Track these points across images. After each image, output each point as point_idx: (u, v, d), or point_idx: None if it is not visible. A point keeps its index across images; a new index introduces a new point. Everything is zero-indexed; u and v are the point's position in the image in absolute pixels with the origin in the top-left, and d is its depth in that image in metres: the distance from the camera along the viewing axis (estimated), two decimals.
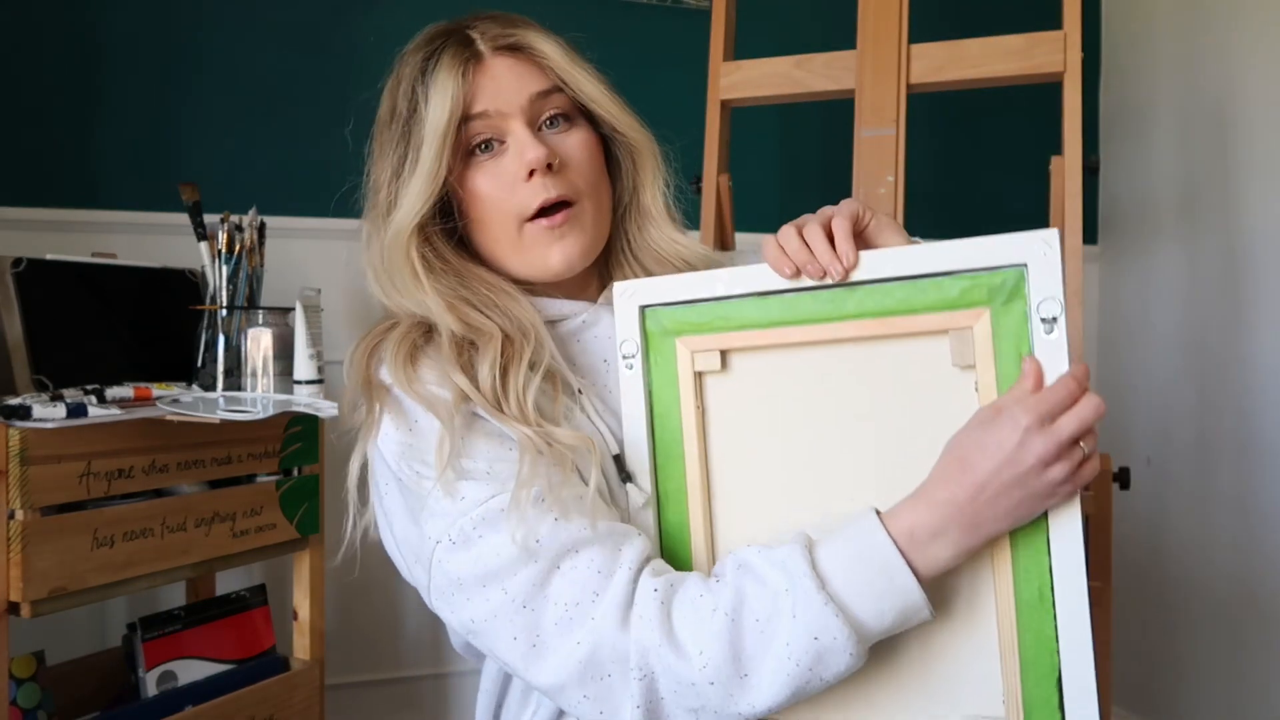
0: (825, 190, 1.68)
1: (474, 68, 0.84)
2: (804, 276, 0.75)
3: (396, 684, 2.00)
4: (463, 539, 0.73)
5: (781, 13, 2.12)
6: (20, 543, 1.20)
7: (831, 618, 0.66)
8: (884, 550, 0.68)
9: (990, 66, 1.48)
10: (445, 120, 0.82)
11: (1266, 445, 1.85)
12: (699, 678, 0.68)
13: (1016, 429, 0.66)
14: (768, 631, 0.68)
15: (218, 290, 1.56)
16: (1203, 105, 2.01)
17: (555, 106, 0.86)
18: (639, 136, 0.89)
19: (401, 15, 1.96)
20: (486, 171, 0.84)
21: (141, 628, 1.48)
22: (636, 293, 0.81)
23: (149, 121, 1.83)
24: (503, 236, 0.85)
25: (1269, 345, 1.85)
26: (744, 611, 0.68)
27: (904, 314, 0.73)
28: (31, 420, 1.20)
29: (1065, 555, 0.69)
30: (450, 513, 0.74)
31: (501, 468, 0.75)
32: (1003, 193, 2.12)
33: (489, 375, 0.79)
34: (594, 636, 0.70)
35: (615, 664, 0.70)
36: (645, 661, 0.69)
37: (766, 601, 0.68)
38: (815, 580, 0.67)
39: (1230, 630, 1.92)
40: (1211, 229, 1.99)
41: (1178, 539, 2.01)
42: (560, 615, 0.71)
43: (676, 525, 0.78)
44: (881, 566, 0.67)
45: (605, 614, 0.70)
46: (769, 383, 0.78)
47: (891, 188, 1.48)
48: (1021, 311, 0.71)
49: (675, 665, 0.68)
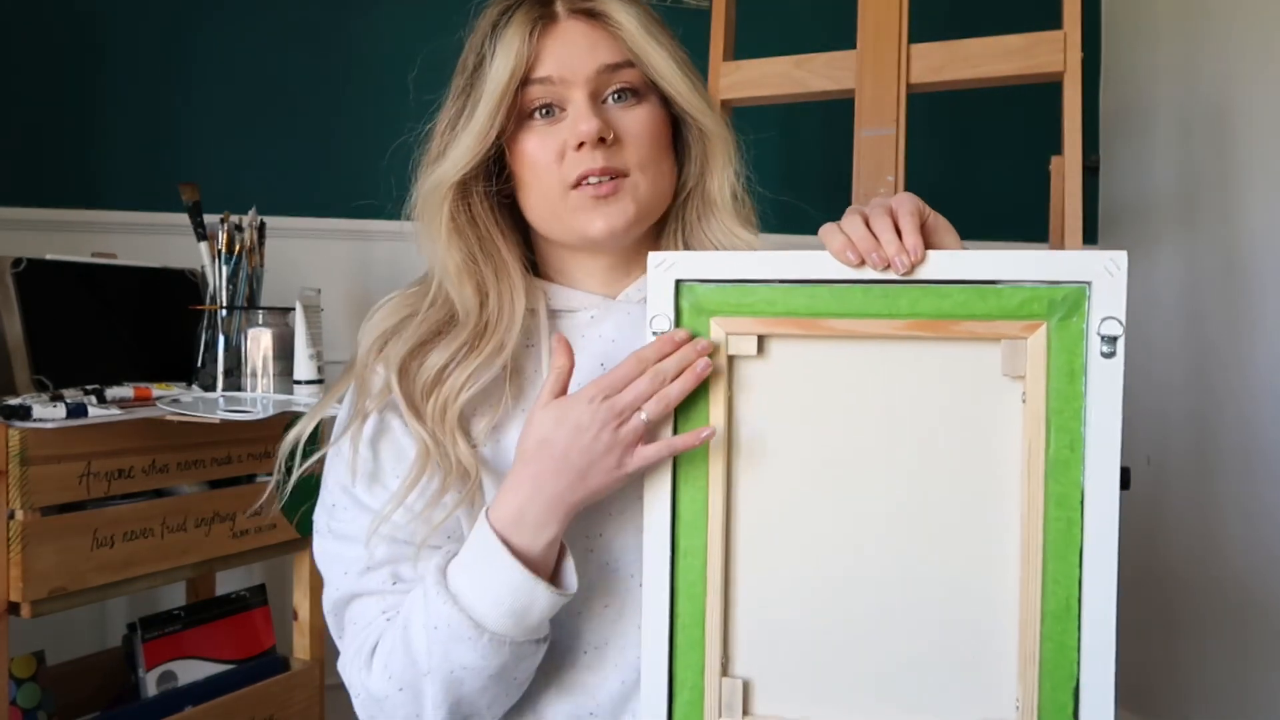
0: (825, 190, 1.68)
1: (545, 29, 0.81)
2: (865, 267, 0.73)
3: None
4: (325, 534, 0.86)
5: (781, 13, 2.12)
6: (20, 543, 1.20)
7: (443, 606, 0.74)
8: (485, 539, 0.74)
9: (990, 66, 1.48)
10: (505, 81, 0.80)
11: (1267, 444, 1.85)
12: (390, 689, 0.77)
13: (582, 401, 0.73)
14: (427, 632, 0.75)
15: (218, 290, 1.56)
16: (1203, 105, 2.02)
17: (624, 80, 0.82)
18: (710, 122, 0.86)
19: (401, 15, 1.97)
20: (539, 135, 0.82)
21: (141, 628, 1.48)
22: (674, 265, 0.76)
23: (149, 121, 1.83)
24: (546, 201, 0.83)
25: (1269, 344, 1.85)
26: (413, 619, 0.76)
27: (959, 318, 0.72)
28: (31, 420, 1.20)
29: (1098, 568, 0.70)
30: (325, 505, 0.87)
31: (389, 483, 0.83)
32: (1003, 193, 2.13)
33: (435, 363, 0.81)
34: (347, 655, 0.83)
35: (350, 683, 0.81)
36: (356, 682, 0.80)
37: (418, 605, 0.76)
38: (437, 577, 0.76)
39: (1231, 630, 1.92)
40: (1211, 229, 1.99)
41: (1178, 539, 2.01)
42: (348, 625, 0.83)
43: (694, 513, 0.77)
44: (485, 554, 0.74)
45: (350, 646, 0.82)
46: (806, 373, 0.76)
47: (891, 188, 1.48)
48: (1079, 329, 0.70)
49: (373, 688, 0.79)
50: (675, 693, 0.77)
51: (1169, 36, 2.13)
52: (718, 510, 0.77)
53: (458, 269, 0.83)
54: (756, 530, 0.77)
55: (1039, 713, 0.71)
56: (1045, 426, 0.71)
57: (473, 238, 0.84)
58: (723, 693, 0.76)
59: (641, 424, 0.73)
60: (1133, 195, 2.24)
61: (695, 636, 0.76)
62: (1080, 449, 0.70)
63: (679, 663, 0.77)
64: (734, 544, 0.77)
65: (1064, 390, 0.71)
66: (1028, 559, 0.71)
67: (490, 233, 0.85)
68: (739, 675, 0.77)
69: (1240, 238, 1.92)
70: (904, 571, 0.74)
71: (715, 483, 0.77)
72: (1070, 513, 0.71)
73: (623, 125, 0.82)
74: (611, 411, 0.72)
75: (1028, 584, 0.71)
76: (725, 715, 0.76)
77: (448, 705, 0.76)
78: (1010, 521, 0.72)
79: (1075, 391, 0.71)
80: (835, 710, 0.75)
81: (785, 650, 0.76)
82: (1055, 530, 0.71)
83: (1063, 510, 0.71)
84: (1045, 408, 0.71)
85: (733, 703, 0.76)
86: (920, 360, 0.74)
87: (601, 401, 0.73)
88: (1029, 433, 0.72)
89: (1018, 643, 0.72)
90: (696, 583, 0.76)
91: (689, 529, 0.76)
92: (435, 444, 0.79)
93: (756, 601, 0.77)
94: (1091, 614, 0.70)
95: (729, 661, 0.77)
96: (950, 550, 0.74)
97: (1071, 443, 0.71)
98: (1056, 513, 0.71)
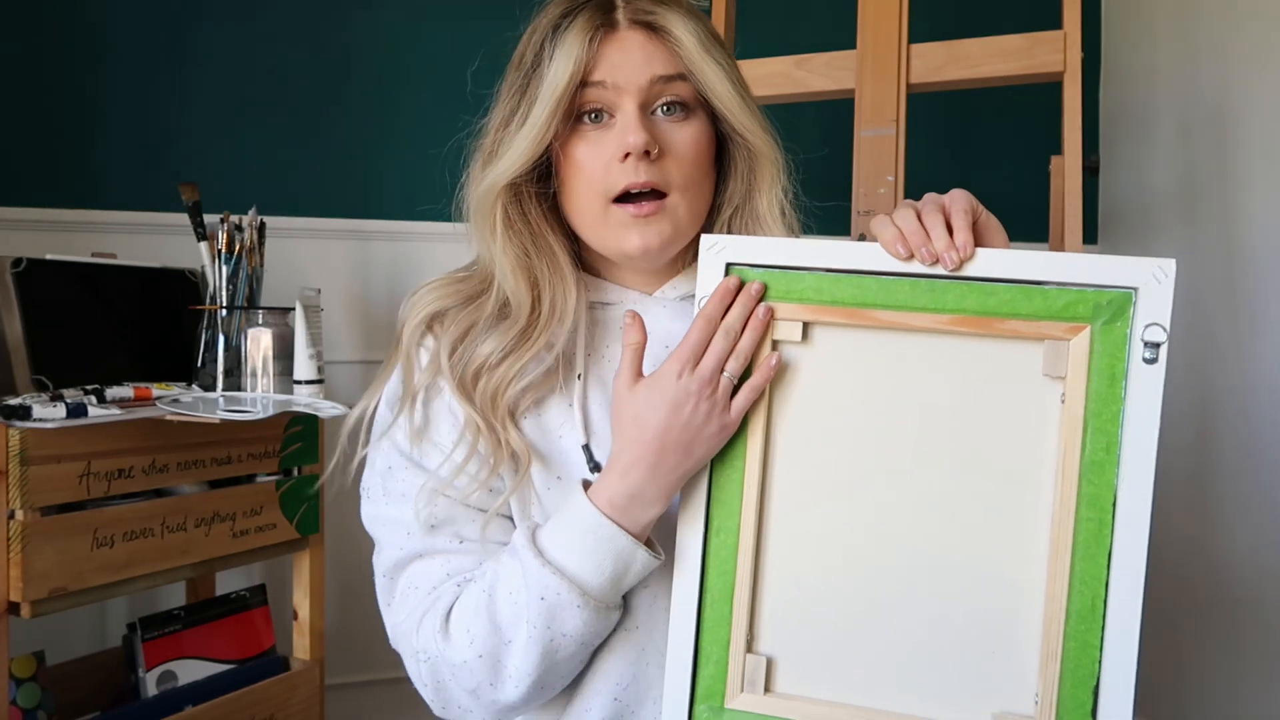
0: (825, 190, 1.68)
1: (604, 35, 0.82)
2: (914, 261, 0.74)
3: (396, 684, 1.99)
4: (379, 499, 0.85)
5: (781, 13, 2.12)
6: (20, 543, 1.20)
7: (550, 577, 0.75)
8: (587, 515, 0.76)
9: (990, 66, 1.48)
10: (564, 84, 0.80)
11: (1267, 444, 1.85)
12: (469, 654, 0.77)
13: (671, 378, 0.75)
14: (518, 601, 0.77)
15: (218, 290, 1.56)
16: (1203, 105, 2.02)
17: (675, 94, 0.83)
18: (759, 142, 0.86)
19: (399, 15, 1.97)
20: (588, 141, 0.83)
21: (141, 628, 1.48)
22: (726, 248, 0.78)
23: (149, 121, 1.83)
24: (587, 210, 0.84)
25: (1269, 343, 1.85)
26: (499, 586, 0.78)
27: (1004, 316, 0.73)
28: (31, 420, 1.20)
29: (1125, 570, 0.70)
30: (379, 470, 0.86)
31: (438, 454, 0.84)
32: (1003, 192, 2.12)
33: (484, 354, 0.82)
34: (409, 622, 0.82)
35: (412, 649, 0.81)
36: (426, 647, 0.80)
37: (511, 575, 0.77)
38: (533, 551, 0.77)
39: (1230, 630, 1.92)
40: (1211, 229, 1.99)
41: (1178, 540, 2.01)
42: (405, 590, 0.83)
43: (729, 492, 0.78)
44: (587, 529, 0.76)
45: (410, 611, 0.82)
46: (848, 362, 0.77)
47: (891, 188, 1.48)
48: (1122, 334, 0.71)
49: (447, 653, 0.79)
50: (700, 666, 0.78)
51: (1169, 36, 2.13)
52: (753, 490, 0.78)
53: (513, 266, 0.84)
54: (789, 512, 0.78)
55: (1058, 709, 0.71)
56: (1083, 428, 0.72)
57: (526, 235, 0.85)
58: (746, 669, 0.77)
59: (729, 384, 0.75)
60: (1133, 195, 2.24)
61: (723, 612, 0.78)
62: (1116, 452, 0.71)
63: (705, 637, 0.78)
64: (766, 524, 0.78)
65: (1103, 393, 0.71)
66: (1056, 557, 0.72)
67: (542, 229, 0.86)
68: (763, 653, 0.78)
69: (1240, 237, 1.92)
70: (932, 561, 0.75)
71: (752, 463, 0.78)
72: (1102, 514, 0.71)
73: (670, 140, 0.83)
74: (701, 381, 0.74)
75: (1055, 582, 0.72)
76: (748, 691, 0.77)
77: (538, 673, 0.77)
78: (1041, 519, 0.73)
79: (1115, 395, 0.71)
80: (855, 693, 0.76)
81: (810, 632, 0.77)
82: (1086, 530, 0.71)
83: (1094, 511, 0.71)
84: (1084, 409, 0.72)
85: (756, 679, 0.77)
86: (962, 356, 0.75)
87: (690, 374, 0.75)
88: (1066, 433, 0.72)
89: (1041, 639, 0.73)
90: (728, 560, 0.78)
91: (723, 507, 0.78)
92: (487, 427, 0.81)
93: (785, 582, 0.78)
94: (1116, 615, 0.70)
95: (754, 639, 0.78)
96: (979, 543, 0.74)
97: (1108, 445, 0.71)
98: (1088, 513, 0.71)
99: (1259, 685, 1.86)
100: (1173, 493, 2.02)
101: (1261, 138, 1.87)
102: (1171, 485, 2.03)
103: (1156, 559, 0.62)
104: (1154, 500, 0.70)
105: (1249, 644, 1.88)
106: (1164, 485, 2.29)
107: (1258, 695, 1.86)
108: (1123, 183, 2.27)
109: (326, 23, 1.94)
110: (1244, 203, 1.91)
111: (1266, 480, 1.84)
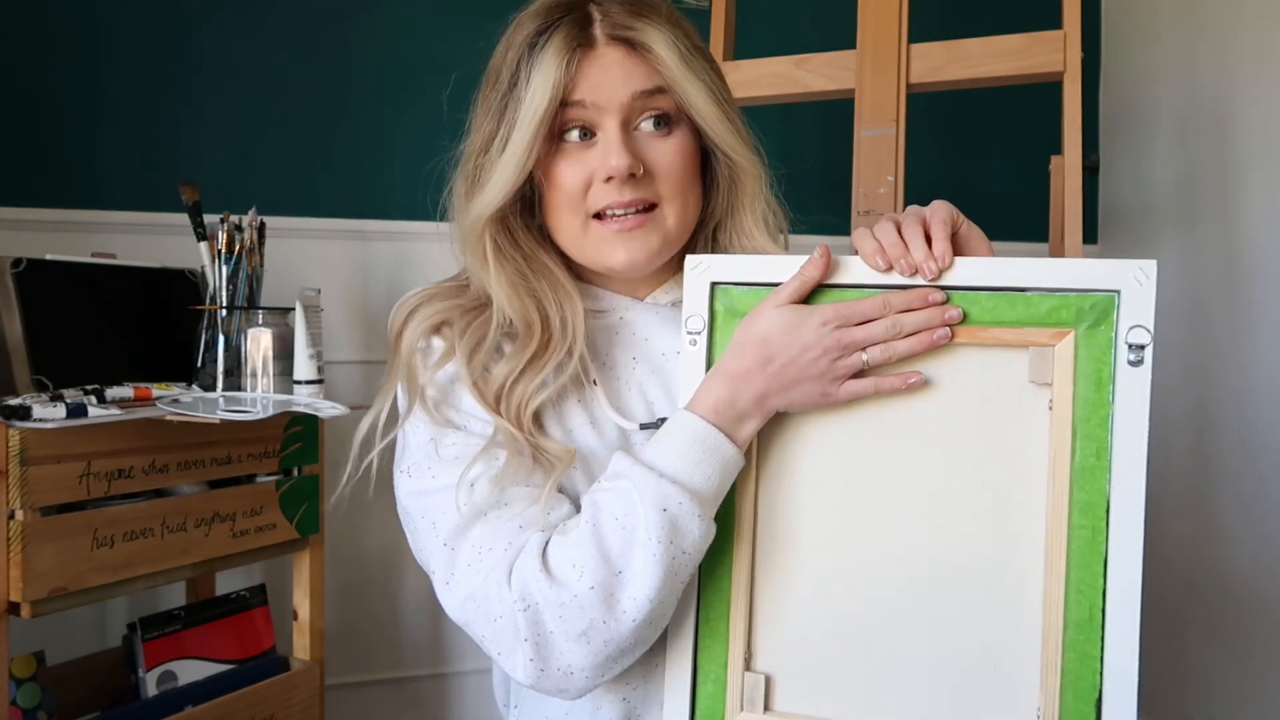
0: (825, 190, 1.69)
1: (582, 54, 0.80)
2: (894, 272, 0.74)
3: (396, 684, 2.00)
4: (424, 473, 0.81)
5: (781, 13, 2.12)
6: (20, 543, 1.20)
7: (669, 486, 0.72)
8: (693, 424, 0.74)
9: (990, 66, 1.48)
10: (544, 109, 0.79)
11: (1267, 444, 1.85)
12: (579, 588, 0.72)
13: (816, 320, 0.74)
14: (628, 525, 0.73)
15: (218, 290, 1.56)
16: (1203, 105, 2.01)
17: (657, 107, 0.82)
18: (741, 159, 0.86)
19: (400, 16, 1.97)
20: (571, 160, 0.82)
21: (141, 628, 1.48)
22: (710, 268, 0.78)
23: (149, 121, 1.83)
24: (567, 227, 0.84)
25: (1269, 344, 1.85)
26: (602, 516, 0.74)
27: (987, 324, 0.73)
28: (31, 420, 1.20)
29: (1122, 578, 0.69)
30: (422, 443, 0.82)
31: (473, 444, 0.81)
32: (1003, 193, 2.13)
33: (503, 374, 0.81)
34: (491, 580, 0.76)
35: (502, 605, 0.74)
36: (527, 592, 0.73)
37: (616, 499, 0.74)
38: (644, 467, 0.74)
39: (1231, 631, 1.92)
40: (1211, 229, 1.99)
41: (1177, 540, 2.01)
42: (472, 557, 0.77)
43: (723, 508, 0.77)
44: (694, 438, 0.74)
45: (500, 563, 0.75)
46: None
47: (891, 188, 1.48)
48: (1107, 337, 0.71)
49: (552, 592, 0.72)
50: (699, 685, 0.78)
51: (1169, 36, 2.12)
52: (746, 506, 0.78)
53: (509, 294, 0.84)
54: (783, 528, 0.78)
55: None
56: (1072, 434, 0.71)
57: (519, 259, 0.85)
58: (745, 687, 0.77)
59: (860, 364, 0.74)
60: (1133, 195, 2.24)
61: (720, 630, 0.78)
62: (1106, 457, 0.70)
63: (703, 655, 0.78)
64: (761, 540, 0.78)
65: (1091, 398, 0.71)
66: (1051, 567, 0.71)
67: (534, 250, 0.86)
68: (761, 671, 0.77)
69: (1240, 237, 1.92)
70: (928, 575, 0.75)
71: (745, 479, 0.78)
72: (1095, 521, 0.70)
73: (653, 157, 0.82)
74: (839, 342, 0.73)
75: (1051, 592, 0.71)
76: (747, 709, 0.77)
77: (657, 599, 0.72)
78: (1035, 528, 0.73)
79: (1102, 399, 0.71)
80: (855, 710, 0.76)
81: (808, 648, 0.77)
82: (1080, 539, 0.71)
83: (1088, 519, 0.71)
84: (1072, 415, 0.71)
85: (755, 697, 0.77)
86: (947, 365, 0.75)
87: (835, 329, 0.73)
88: (1055, 440, 0.72)
89: (1040, 651, 0.72)
90: (723, 577, 0.78)
91: (718, 524, 0.77)
92: (523, 439, 0.80)
93: (781, 598, 0.78)
94: (1115, 624, 0.69)
95: (752, 657, 0.78)
96: (974, 555, 0.74)
97: (1098, 451, 0.71)
98: (1081, 521, 0.71)
99: (1261, 685, 1.86)
100: (1173, 494, 2.02)
101: (1261, 138, 1.87)
102: (1172, 486, 2.03)
103: (1157, 561, 0.62)
104: (1149, 503, 0.70)
105: (1251, 644, 1.88)
106: (1165, 486, 2.30)
107: (1258, 695, 1.86)
108: (1122, 183, 2.27)
109: (327, 23, 1.93)
110: (1244, 203, 1.91)
111: (1267, 480, 1.84)
